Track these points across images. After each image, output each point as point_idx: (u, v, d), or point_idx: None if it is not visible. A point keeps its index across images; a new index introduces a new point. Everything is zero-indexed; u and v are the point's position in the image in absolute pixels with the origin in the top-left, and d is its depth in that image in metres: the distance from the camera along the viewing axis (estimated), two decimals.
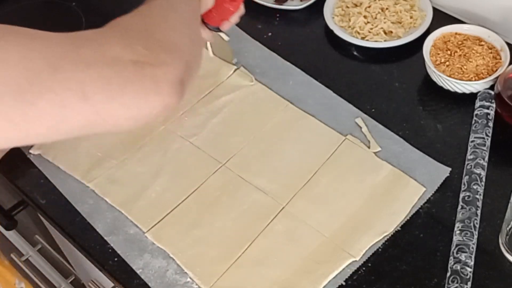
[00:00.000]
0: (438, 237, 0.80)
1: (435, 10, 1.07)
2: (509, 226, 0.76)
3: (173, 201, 0.85)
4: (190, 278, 0.78)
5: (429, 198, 0.83)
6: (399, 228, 0.81)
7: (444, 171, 0.85)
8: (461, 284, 0.73)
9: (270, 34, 1.08)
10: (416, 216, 0.82)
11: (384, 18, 1.04)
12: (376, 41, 1.03)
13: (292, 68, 1.01)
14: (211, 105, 0.96)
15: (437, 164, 0.86)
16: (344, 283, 0.76)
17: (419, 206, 0.83)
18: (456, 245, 0.77)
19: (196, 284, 0.77)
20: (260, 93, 0.98)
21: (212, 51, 1.01)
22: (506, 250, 0.77)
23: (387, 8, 1.06)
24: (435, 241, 0.79)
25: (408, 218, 0.81)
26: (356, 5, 1.08)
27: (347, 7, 1.08)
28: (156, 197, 0.85)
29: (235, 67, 1.01)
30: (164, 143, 0.91)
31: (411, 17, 1.05)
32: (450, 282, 0.74)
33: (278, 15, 1.12)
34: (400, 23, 1.05)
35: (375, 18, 1.05)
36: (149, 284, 0.77)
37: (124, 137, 0.92)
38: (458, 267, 0.74)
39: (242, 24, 1.09)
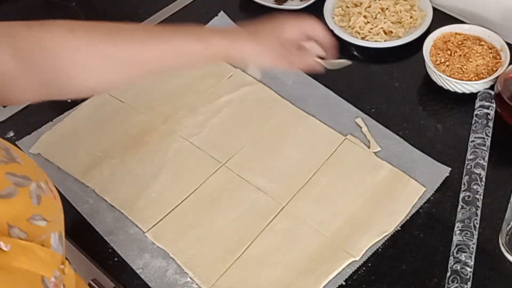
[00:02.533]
0: (438, 237, 0.80)
1: (435, 10, 1.07)
2: (509, 226, 0.76)
3: (173, 201, 0.85)
4: (190, 278, 0.78)
5: (429, 198, 0.83)
6: (399, 228, 0.81)
7: (444, 171, 0.85)
8: (461, 284, 0.73)
9: None
10: (416, 216, 0.82)
11: (384, 18, 1.04)
12: (376, 41, 1.03)
13: None
14: (211, 105, 0.96)
15: (437, 164, 0.86)
16: (344, 283, 0.76)
17: (419, 206, 0.83)
18: (456, 245, 0.77)
19: (196, 284, 0.77)
20: (260, 93, 0.98)
21: None
22: (506, 250, 0.77)
23: (387, 8, 1.06)
24: (435, 241, 0.79)
25: (408, 218, 0.81)
26: (356, 5, 1.08)
27: (347, 7, 1.08)
28: (156, 197, 0.85)
29: (235, 68, 1.01)
30: (164, 143, 0.91)
31: (411, 17, 1.05)
32: (450, 282, 0.74)
33: (278, 15, 1.12)
34: (400, 23, 1.05)
35: (375, 18, 1.05)
36: (149, 284, 0.77)
37: (124, 137, 0.92)
38: (458, 267, 0.74)
39: (242, 24, 1.09)
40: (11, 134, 0.95)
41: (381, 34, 1.03)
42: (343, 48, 1.04)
